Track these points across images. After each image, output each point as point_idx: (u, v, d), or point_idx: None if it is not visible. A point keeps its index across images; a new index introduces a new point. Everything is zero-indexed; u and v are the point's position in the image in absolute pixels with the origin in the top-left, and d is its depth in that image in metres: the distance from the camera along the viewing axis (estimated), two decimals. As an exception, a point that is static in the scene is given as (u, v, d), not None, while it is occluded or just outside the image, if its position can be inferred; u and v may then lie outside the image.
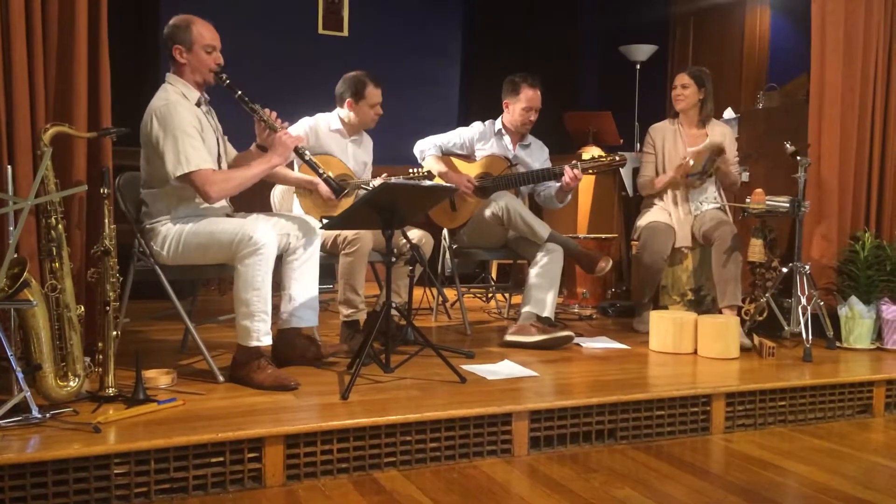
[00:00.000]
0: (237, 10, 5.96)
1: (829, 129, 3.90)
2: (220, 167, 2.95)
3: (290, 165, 3.64)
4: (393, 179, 3.36)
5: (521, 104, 3.99)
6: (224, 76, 2.90)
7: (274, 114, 2.95)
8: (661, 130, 4.17)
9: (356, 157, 3.78)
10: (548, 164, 4.14)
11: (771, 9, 5.92)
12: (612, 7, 7.01)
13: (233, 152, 3.17)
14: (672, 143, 4.11)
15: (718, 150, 3.88)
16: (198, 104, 2.90)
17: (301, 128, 3.65)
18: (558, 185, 3.92)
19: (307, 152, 3.08)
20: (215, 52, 2.90)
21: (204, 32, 2.87)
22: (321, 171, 3.08)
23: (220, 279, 5.25)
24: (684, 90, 4.08)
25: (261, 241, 2.70)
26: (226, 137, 3.13)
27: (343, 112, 3.70)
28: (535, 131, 4.23)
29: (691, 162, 3.93)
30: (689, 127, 4.14)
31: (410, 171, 3.78)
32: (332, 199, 3.50)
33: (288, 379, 2.71)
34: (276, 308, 2.93)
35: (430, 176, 3.80)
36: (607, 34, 7.10)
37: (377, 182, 3.28)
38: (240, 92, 2.88)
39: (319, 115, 3.74)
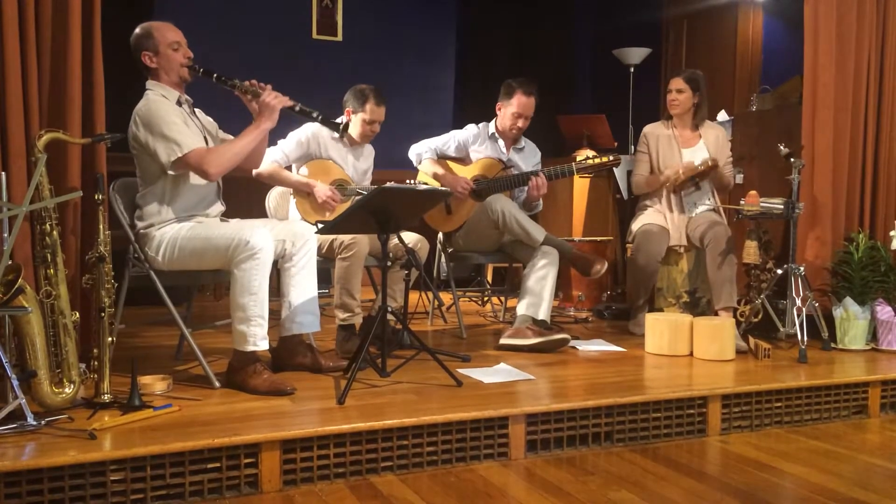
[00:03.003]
0: (231, 15, 5.96)
1: (822, 130, 3.91)
2: None
3: (290, 169, 3.64)
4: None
5: (512, 108, 3.98)
6: (197, 66, 2.91)
7: (254, 81, 2.92)
8: (656, 133, 4.17)
9: (356, 165, 3.79)
10: (539, 168, 4.14)
11: (763, 11, 5.94)
12: (606, 10, 7.03)
13: None
14: (667, 145, 4.11)
15: (713, 167, 3.87)
16: (178, 103, 2.90)
17: (303, 133, 3.66)
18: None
19: (298, 104, 3.01)
20: (182, 47, 2.90)
21: (165, 32, 2.88)
22: (315, 115, 3.02)
23: (215, 285, 5.25)
24: (679, 95, 4.07)
25: (257, 245, 2.70)
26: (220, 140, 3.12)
27: (343, 120, 3.71)
28: (530, 135, 4.23)
29: (682, 176, 3.92)
30: (683, 129, 4.14)
31: (408, 181, 3.78)
32: (330, 202, 3.51)
33: (284, 384, 2.71)
34: (275, 313, 2.92)
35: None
36: (601, 37, 7.12)
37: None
38: (216, 74, 2.88)
39: None
